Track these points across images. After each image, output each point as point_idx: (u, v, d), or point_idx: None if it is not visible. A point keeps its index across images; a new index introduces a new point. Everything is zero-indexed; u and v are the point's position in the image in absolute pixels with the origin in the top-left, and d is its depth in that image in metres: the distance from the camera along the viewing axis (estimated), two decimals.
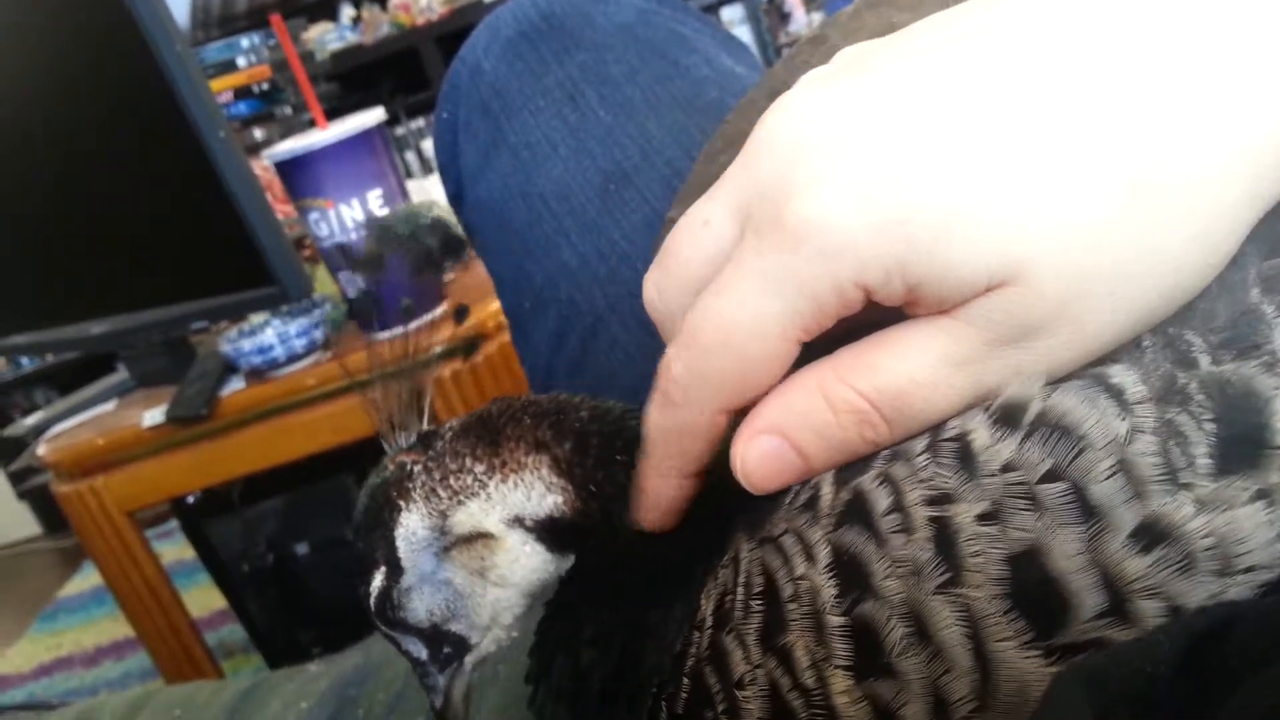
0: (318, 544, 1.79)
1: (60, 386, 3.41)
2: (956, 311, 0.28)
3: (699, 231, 0.32)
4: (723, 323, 0.30)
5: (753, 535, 0.33)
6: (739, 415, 0.32)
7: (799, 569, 0.30)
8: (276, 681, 0.73)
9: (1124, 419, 0.27)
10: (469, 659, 0.41)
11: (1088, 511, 0.26)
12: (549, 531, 0.38)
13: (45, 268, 1.68)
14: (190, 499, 1.74)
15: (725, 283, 0.30)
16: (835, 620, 0.29)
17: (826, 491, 0.30)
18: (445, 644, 0.40)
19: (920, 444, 0.29)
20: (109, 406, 1.70)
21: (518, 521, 0.38)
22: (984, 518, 0.27)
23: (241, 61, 3.14)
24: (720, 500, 0.37)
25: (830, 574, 0.29)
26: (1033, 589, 0.26)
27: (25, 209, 1.60)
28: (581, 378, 0.69)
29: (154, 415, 1.51)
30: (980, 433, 0.28)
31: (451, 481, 0.38)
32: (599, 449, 0.37)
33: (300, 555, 1.79)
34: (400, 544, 0.39)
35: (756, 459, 0.31)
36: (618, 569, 0.37)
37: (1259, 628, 0.23)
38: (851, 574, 0.29)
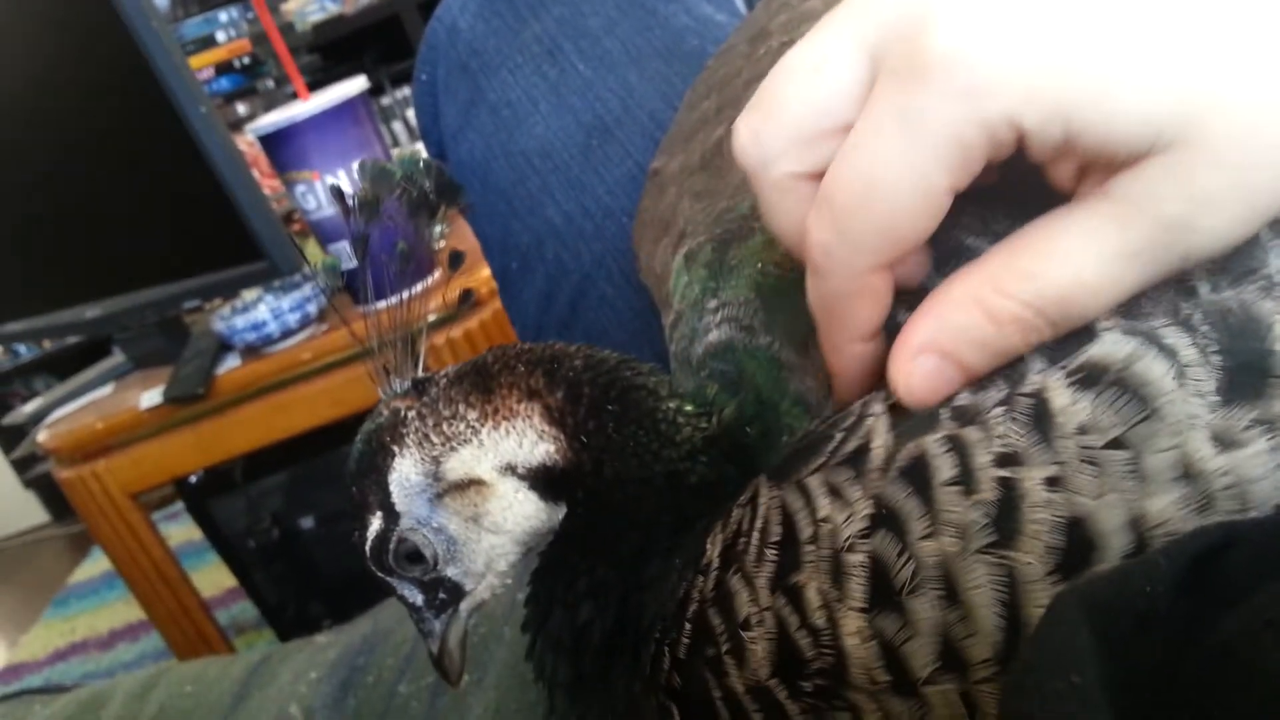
0: (323, 518, 1.80)
1: (58, 373, 3.40)
2: (1115, 192, 0.26)
3: (812, 75, 0.29)
4: (862, 179, 0.28)
5: (777, 481, 0.32)
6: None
7: (823, 511, 0.30)
8: (286, 654, 0.74)
9: (1175, 374, 0.26)
10: (464, 605, 0.41)
11: (1140, 473, 0.26)
12: (541, 480, 0.37)
13: (37, 253, 1.67)
14: (193, 479, 1.74)
15: (860, 134, 0.28)
16: (853, 558, 0.28)
17: (878, 444, 0.29)
18: (441, 590, 0.40)
19: (996, 394, 0.28)
20: (107, 390, 1.70)
21: (510, 469, 0.37)
22: (1052, 483, 0.26)
23: (221, 36, 3.11)
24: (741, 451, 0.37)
25: (864, 524, 0.29)
26: (1075, 547, 0.26)
27: (12, 196, 1.59)
28: (571, 337, 0.69)
29: (151, 396, 1.51)
30: (1059, 393, 0.27)
31: (444, 428, 0.38)
32: (591, 398, 0.37)
33: (306, 529, 1.80)
34: (394, 489, 0.38)
35: (920, 380, 0.29)
36: (611, 520, 0.37)
37: (1257, 548, 0.23)
38: (890, 527, 0.28)
